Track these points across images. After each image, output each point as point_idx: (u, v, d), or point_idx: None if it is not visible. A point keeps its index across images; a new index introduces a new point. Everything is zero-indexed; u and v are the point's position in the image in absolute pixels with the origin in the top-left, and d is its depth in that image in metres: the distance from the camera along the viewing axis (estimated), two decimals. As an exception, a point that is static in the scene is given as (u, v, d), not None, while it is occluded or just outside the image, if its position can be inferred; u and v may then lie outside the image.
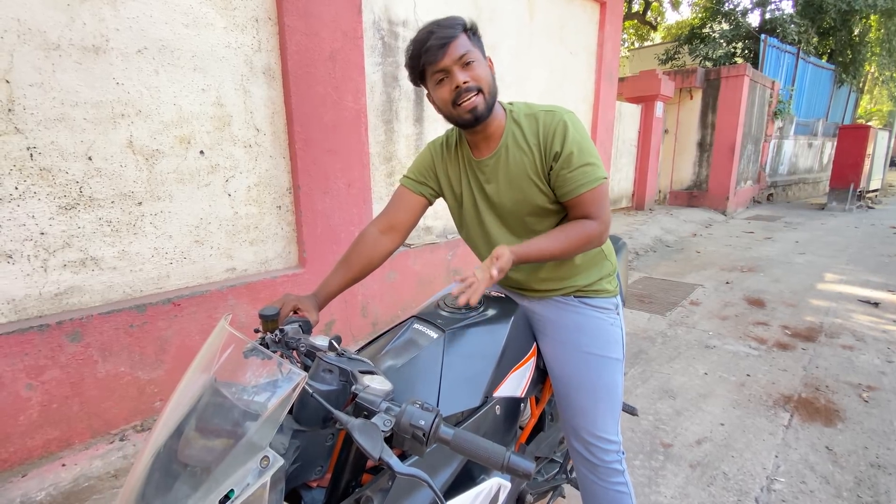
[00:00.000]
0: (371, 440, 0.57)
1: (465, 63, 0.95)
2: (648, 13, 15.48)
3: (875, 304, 3.79)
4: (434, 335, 0.93)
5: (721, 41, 10.50)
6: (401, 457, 0.74)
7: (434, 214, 3.40)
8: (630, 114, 7.47)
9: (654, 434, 2.08)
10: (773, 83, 9.52)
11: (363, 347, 1.01)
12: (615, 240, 1.50)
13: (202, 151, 2.10)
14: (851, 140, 9.14)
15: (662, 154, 8.59)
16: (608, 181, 1.02)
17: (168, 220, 2.04)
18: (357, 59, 2.57)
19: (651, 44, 16.21)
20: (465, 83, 0.94)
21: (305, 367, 0.79)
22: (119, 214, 1.90)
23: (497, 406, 0.95)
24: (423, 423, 0.59)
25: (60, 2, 1.68)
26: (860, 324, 3.40)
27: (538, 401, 1.28)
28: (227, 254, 2.26)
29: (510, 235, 1.11)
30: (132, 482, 0.61)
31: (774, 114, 9.73)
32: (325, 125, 2.46)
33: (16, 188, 1.66)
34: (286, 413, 0.58)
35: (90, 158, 1.80)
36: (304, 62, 2.33)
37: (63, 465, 1.76)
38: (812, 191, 12.58)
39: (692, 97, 8.60)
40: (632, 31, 16.89)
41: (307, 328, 0.92)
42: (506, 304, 1.10)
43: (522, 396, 1.06)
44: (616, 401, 1.12)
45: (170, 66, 1.96)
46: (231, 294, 2.20)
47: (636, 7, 14.78)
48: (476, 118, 0.97)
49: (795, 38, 10.17)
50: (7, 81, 1.61)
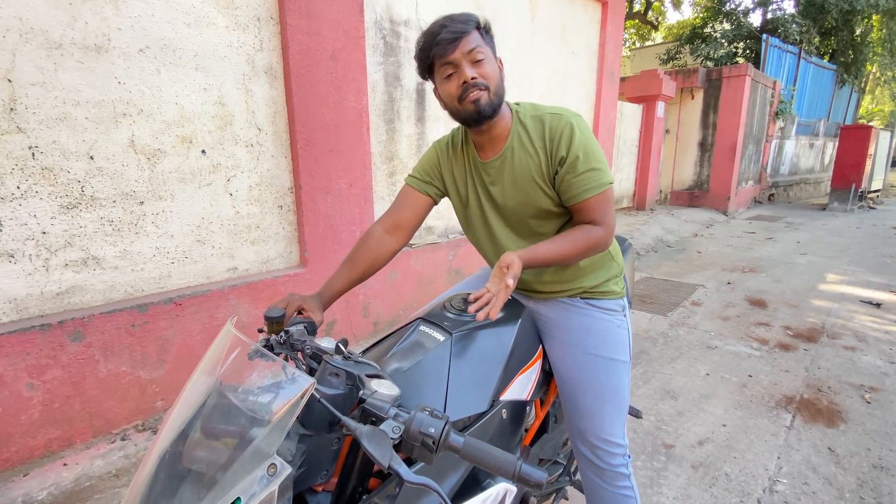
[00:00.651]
0: (380, 448, 0.56)
1: (475, 59, 0.94)
2: (650, 13, 15.46)
3: (877, 305, 3.78)
4: (441, 338, 0.92)
5: (722, 41, 10.48)
6: (407, 461, 0.74)
7: (436, 214, 3.39)
8: (631, 114, 7.46)
9: (656, 435, 2.08)
10: (775, 83, 9.50)
11: (368, 349, 1.00)
12: (621, 240, 1.49)
13: (204, 151, 2.10)
14: (853, 140, 9.13)
15: (664, 154, 8.59)
16: (613, 186, 1.01)
17: (169, 220, 2.03)
18: (359, 59, 2.56)
19: (652, 43, 16.19)
20: (474, 79, 0.93)
21: (311, 370, 0.79)
22: (121, 214, 1.89)
23: (503, 410, 0.95)
24: (433, 431, 0.58)
25: (63, 1, 1.67)
26: (862, 324, 3.39)
27: (542, 403, 1.27)
28: (229, 253, 2.26)
29: (515, 237, 1.11)
30: (138, 484, 0.61)
31: (776, 114, 9.72)
32: (327, 125, 2.45)
33: (18, 187, 1.66)
34: (294, 420, 0.57)
35: (92, 158, 1.80)
36: (306, 61, 2.32)
37: (64, 465, 1.75)
38: (813, 191, 12.57)
39: (693, 97, 8.59)
40: (633, 31, 16.87)
41: (312, 329, 0.91)
42: (513, 306, 1.09)
43: (528, 399, 1.05)
44: (623, 404, 1.11)
45: (171, 66, 1.95)
46: (232, 294, 2.20)
47: (637, 7, 14.76)
48: (479, 112, 0.96)
49: (797, 38, 10.15)
50: (9, 80, 1.60)
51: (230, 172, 2.20)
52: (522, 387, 1.02)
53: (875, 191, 10.64)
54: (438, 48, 0.93)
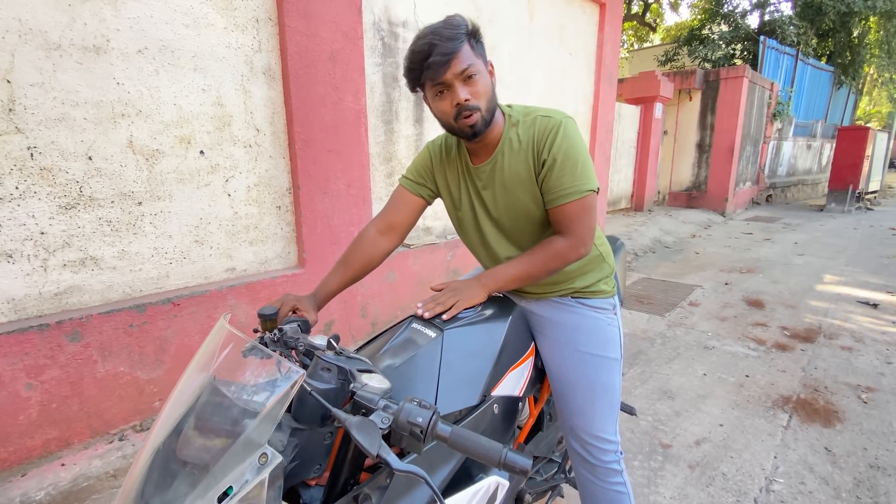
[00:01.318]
0: (369, 437, 0.57)
1: (468, 76, 0.92)
2: (648, 14, 15.51)
3: (874, 306, 3.79)
4: (432, 334, 0.93)
5: (720, 43, 10.52)
6: (399, 455, 0.74)
7: (434, 215, 3.40)
8: (629, 115, 7.48)
9: (654, 434, 2.08)
10: (773, 85, 9.53)
11: (362, 346, 1.01)
12: (613, 240, 1.50)
13: (202, 151, 2.11)
14: (850, 141, 9.15)
15: (661, 155, 8.61)
16: (594, 195, 0.98)
17: (168, 220, 2.04)
18: (357, 60, 2.58)
19: (650, 45, 16.24)
20: (467, 101, 0.92)
21: (304, 366, 0.80)
22: (119, 214, 1.90)
23: (495, 405, 0.95)
24: (421, 420, 0.59)
25: (61, 2, 1.68)
26: (859, 325, 3.40)
27: (536, 400, 1.28)
28: (227, 254, 2.26)
29: (506, 242, 1.11)
30: (131, 480, 0.61)
31: (773, 115, 9.75)
32: (325, 125, 2.47)
33: (16, 188, 1.66)
34: (284, 410, 0.58)
35: (90, 158, 1.81)
36: (305, 62, 2.33)
37: (62, 465, 1.76)
38: (811, 192, 12.59)
39: (691, 98, 8.61)
40: (631, 33, 16.92)
41: (306, 328, 0.92)
42: (504, 304, 1.10)
43: (520, 396, 1.06)
44: (614, 401, 1.12)
45: (170, 67, 1.96)
46: (230, 294, 2.20)
47: (635, 8, 14.81)
48: (475, 134, 0.97)
49: (794, 40, 10.19)
50: (8, 81, 1.61)
51: (228, 173, 2.21)
52: (514, 383, 1.03)
53: (872, 192, 10.65)
54: (429, 72, 0.90)
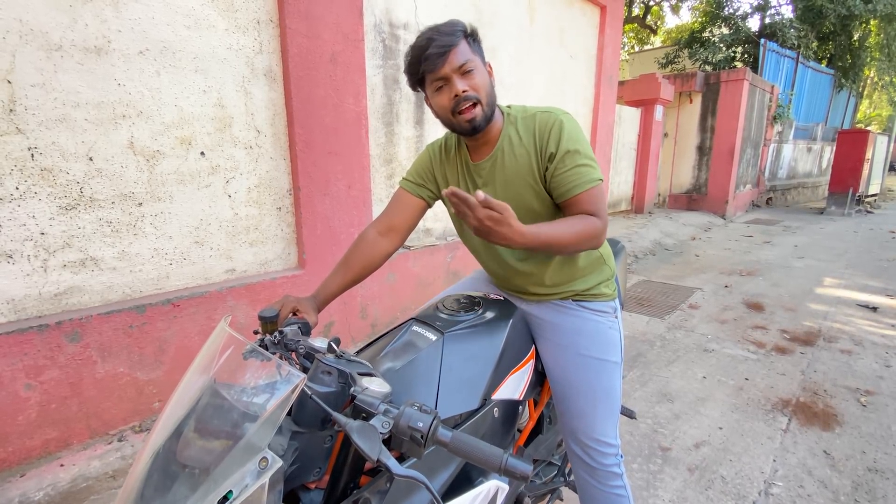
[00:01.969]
0: (369, 442, 0.57)
1: (465, 71, 0.94)
2: (648, 17, 15.53)
3: (873, 309, 3.79)
4: (433, 337, 0.93)
5: (721, 45, 10.52)
6: (399, 459, 0.74)
7: (434, 216, 3.41)
8: (630, 117, 7.49)
9: (653, 437, 2.08)
10: (773, 87, 9.54)
11: (362, 349, 1.01)
12: (614, 243, 1.50)
13: (203, 153, 2.11)
14: (850, 144, 9.15)
15: (662, 157, 8.61)
16: (604, 184, 1.00)
17: (168, 221, 2.04)
18: (358, 62, 2.58)
19: (651, 47, 16.26)
20: (465, 92, 0.94)
21: (304, 369, 0.80)
22: (119, 215, 1.90)
23: (495, 409, 0.95)
24: (421, 425, 0.59)
25: (63, 3, 1.68)
26: (859, 328, 3.40)
27: (536, 403, 1.28)
28: (227, 255, 2.26)
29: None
30: (131, 483, 0.61)
31: (774, 118, 9.76)
32: (326, 127, 2.47)
33: (17, 188, 1.66)
34: (285, 414, 0.58)
35: (91, 159, 1.81)
36: (305, 64, 2.34)
37: (61, 466, 1.76)
38: (811, 195, 12.60)
39: (692, 101, 8.62)
40: (632, 35, 16.94)
41: (306, 330, 0.92)
42: (504, 307, 1.10)
43: (521, 399, 1.06)
44: (614, 404, 1.12)
45: (171, 68, 1.96)
46: (230, 295, 2.20)
47: (636, 11, 14.83)
48: (475, 128, 0.98)
49: (795, 43, 10.20)
50: (9, 82, 1.61)
51: (229, 174, 2.21)
52: (515, 386, 1.03)
53: (872, 195, 10.66)
54: (427, 63, 0.92)
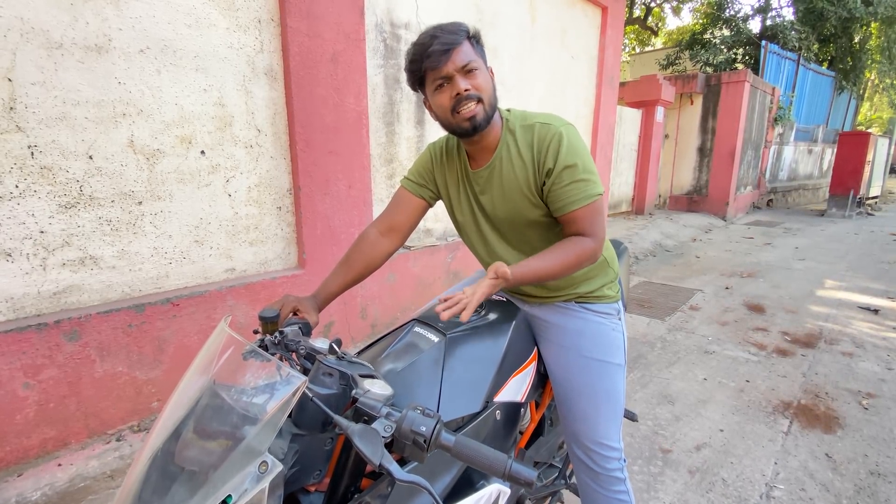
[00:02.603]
0: (371, 446, 0.56)
1: (468, 71, 0.93)
2: (650, 18, 15.53)
3: (875, 311, 3.79)
4: (435, 339, 0.92)
5: (722, 47, 10.52)
6: (400, 461, 0.73)
7: (434, 217, 3.40)
8: (631, 118, 7.48)
9: (653, 439, 2.07)
10: (774, 89, 9.54)
11: (363, 350, 1.00)
12: (617, 244, 1.49)
13: (203, 151, 2.10)
14: (851, 147, 9.15)
15: (663, 159, 8.61)
16: (603, 197, 0.98)
17: (168, 220, 2.03)
18: (359, 61, 2.57)
19: (652, 49, 16.25)
20: (467, 90, 0.92)
21: (305, 370, 0.79)
22: (119, 214, 1.89)
23: (497, 411, 0.95)
24: (424, 430, 0.58)
25: (64, 1, 1.68)
26: (860, 330, 3.39)
27: (538, 405, 1.27)
28: (227, 254, 2.26)
29: (508, 246, 1.10)
30: (129, 484, 0.61)
31: (775, 120, 9.76)
32: (327, 126, 2.46)
33: (16, 186, 1.66)
34: (286, 418, 0.57)
35: (91, 157, 1.80)
36: (306, 63, 2.33)
37: (59, 465, 1.75)
38: (812, 197, 12.60)
39: (693, 102, 8.62)
40: (633, 37, 16.94)
41: (307, 330, 0.91)
42: (507, 308, 1.09)
43: (523, 401, 1.05)
44: (618, 407, 1.11)
45: (172, 66, 1.95)
46: (230, 294, 2.19)
47: (637, 12, 14.82)
48: (475, 127, 0.96)
49: (796, 45, 10.20)
50: (9, 80, 1.60)
51: (229, 173, 2.20)
52: (517, 388, 1.02)
53: (873, 197, 10.66)
54: (430, 60, 0.91)
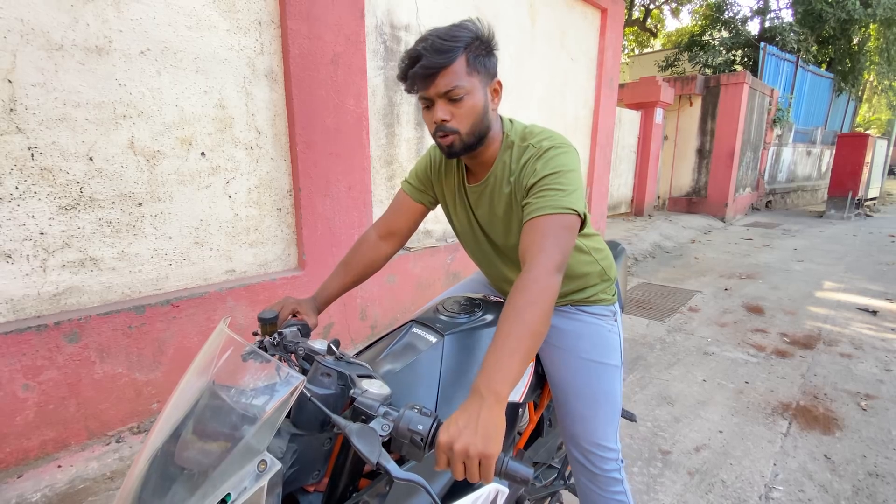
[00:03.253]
0: (369, 445, 0.57)
1: (452, 98, 0.85)
2: (649, 20, 15.57)
3: (873, 313, 3.79)
4: (433, 339, 0.93)
5: (721, 49, 10.55)
6: (398, 461, 0.74)
7: (434, 218, 3.40)
8: (630, 120, 7.50)
9: (653, 441, 2.07)
10: (773, 91, 9.56)
11: (361, 351, 1.01)
12: (614, 245, 1.50)
13: (203, 153, 2.11)
14: (850, 148, 9.17)
15: (662, 160, 8.62)
16: (575, 219, 0.84)
17: (168, 222, 2.03)
18: (359, 63, 2.58)
19: (651, 50, 16.29)
20: (444, 122, 0.86)
21: (304, 371, 0.79)
22: (119, 215, 1.90)
23: None
24: (422, 428, 0.59)
25: (64, 3, 1.68)
26: (858, 332, 3.40)
27: (536, 406, 1.27)
28: (227, 255, 2.26)
29: (506, 257, 1.10)
30: (129, 485, 0.61)
31: (773, 121, 9.77)
32: (327, 128, 2.47)
33: (16, 188, 1.66)
34: (284, 417, 0.58)
35: (91, 159, 1.81)
36: (307, 65, 2.34)
37: (59, 467, 1.75)
38: (810, 198, 12.62)
39: (692, 104, 8.63)
40: (632, 38, 16.96)
41: (306, 332, 0.92)
42: (505, 309, 1.10)
43: (521, 402, 1.06)
44: (615, 408, 1.11)
45: (172, 68, 1.96)
46: (230, 296, 2.20)
47: (637, 14, 14.86)
48: (451, 154, 0.93)
49: (795, 47, 10.22)
50: (9, 81, 1.61)
51: (229, 175, 2.21)
52: (515, 389, 1.02)
53: (872, 199, 10.67)
54: (412, 81, 0.86)
